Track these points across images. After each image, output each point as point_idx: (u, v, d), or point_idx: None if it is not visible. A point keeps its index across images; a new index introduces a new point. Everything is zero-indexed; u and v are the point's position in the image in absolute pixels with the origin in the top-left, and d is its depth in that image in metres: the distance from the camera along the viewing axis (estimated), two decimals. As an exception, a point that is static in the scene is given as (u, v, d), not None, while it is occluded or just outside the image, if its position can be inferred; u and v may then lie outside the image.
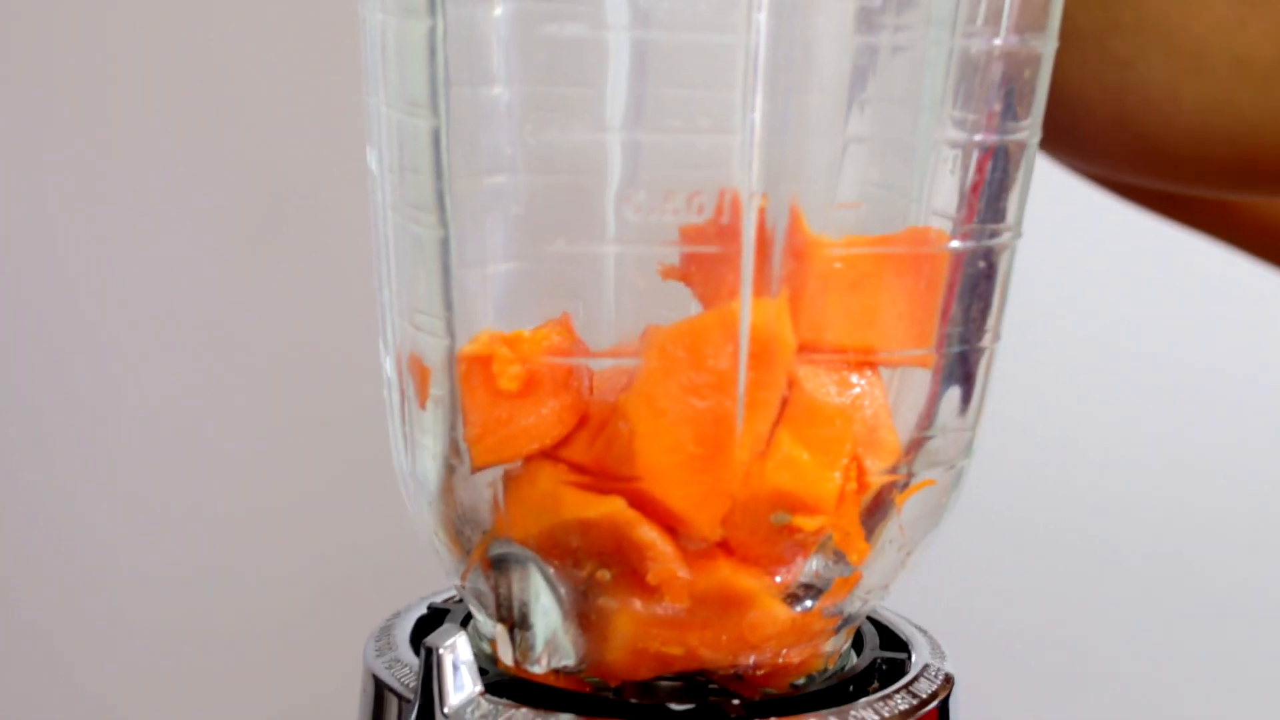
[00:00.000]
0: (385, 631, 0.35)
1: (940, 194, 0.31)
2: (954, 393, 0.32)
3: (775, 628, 0.31)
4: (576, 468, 0.31)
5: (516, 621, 0.32)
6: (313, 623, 0.81)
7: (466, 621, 0.35)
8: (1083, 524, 0.87)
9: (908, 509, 0.32)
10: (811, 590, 0.32)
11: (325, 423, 0.80)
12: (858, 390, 0.31)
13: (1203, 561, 0.88)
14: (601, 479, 0.30)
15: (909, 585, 0.34)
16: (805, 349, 0.30)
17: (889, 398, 0.32)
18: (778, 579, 0.31)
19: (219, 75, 0.78)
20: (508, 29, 0.30)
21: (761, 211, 0.30)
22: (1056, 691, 0.87)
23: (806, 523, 0.30)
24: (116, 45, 0.78)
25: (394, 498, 0.35)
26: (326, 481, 0.81)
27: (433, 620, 0.36)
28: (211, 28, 0.78)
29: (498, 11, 0.30)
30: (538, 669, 0.32)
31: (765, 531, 0.30)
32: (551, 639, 0.32)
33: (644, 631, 0.31)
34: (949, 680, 0.33)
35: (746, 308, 0.29)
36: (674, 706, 0.32)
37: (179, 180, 0.79)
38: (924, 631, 0.36)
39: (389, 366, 0.34)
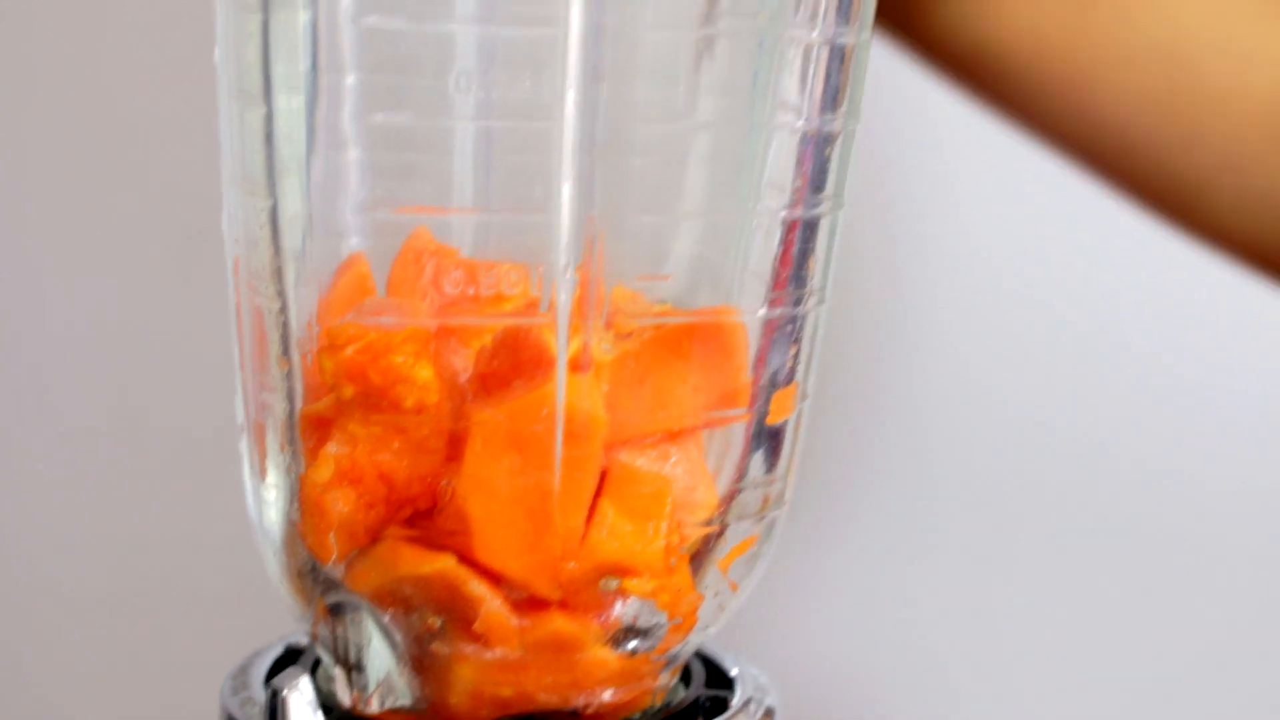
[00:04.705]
0: (242, 670, 0.37)
1: (751, 263, 0.34)
2: (763, 449, 0.34)
3: (604, 671, 0.34)
4: (411, 525, 0.33)
5: (352, 664, 0.34)
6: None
7: (318, 663, 0.37)
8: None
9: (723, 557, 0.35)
10: (637, 633, 0.34)
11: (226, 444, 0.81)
12: (674, 455, 0.33)
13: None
14: (434, 536, 0.32)
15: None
16: (618, 420, 0.32)
17: (705, 454, 0.34)
18: (603, 623, 0.33)
19: (148, 80, 0.79)
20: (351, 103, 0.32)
21: (580, 285, 0.32)
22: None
23: (637, 587, 0.33)
24: (43, 56, 0.78)
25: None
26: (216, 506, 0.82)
27: (289, 660, 0.38)
28: (137, 42, 0.79)
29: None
30: (372, 709, 0.34)
31: (598, 594, 0.33)
32: (385, 681, 0.34)
33: (478, 675, 0.33)
34: (769, 715, 0.36)
35: (561, 384, 0.31)
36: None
37: (102, 193, 0.80)
38: (749, 666, 0.38)
39: (240, 418, 0.36)
